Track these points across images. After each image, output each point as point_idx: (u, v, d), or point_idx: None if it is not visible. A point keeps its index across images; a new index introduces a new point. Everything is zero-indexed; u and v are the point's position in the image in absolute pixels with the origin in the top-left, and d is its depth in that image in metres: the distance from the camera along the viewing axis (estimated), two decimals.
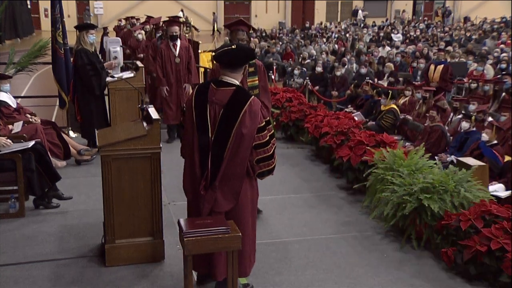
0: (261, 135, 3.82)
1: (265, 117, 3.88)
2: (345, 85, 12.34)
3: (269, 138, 3.86)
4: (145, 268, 4.49)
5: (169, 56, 8.25)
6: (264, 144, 3.83)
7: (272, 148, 3.89)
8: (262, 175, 3.94)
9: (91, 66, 7.34)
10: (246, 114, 3.74)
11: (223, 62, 3.87)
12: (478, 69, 12.07)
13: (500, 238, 4.29)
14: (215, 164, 3.79)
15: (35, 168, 5.57)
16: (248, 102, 3.76)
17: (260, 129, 3.80)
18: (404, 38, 23.33)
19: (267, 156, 3.86)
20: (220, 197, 3.83)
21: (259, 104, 3.85)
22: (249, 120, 3.74)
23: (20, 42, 23.46)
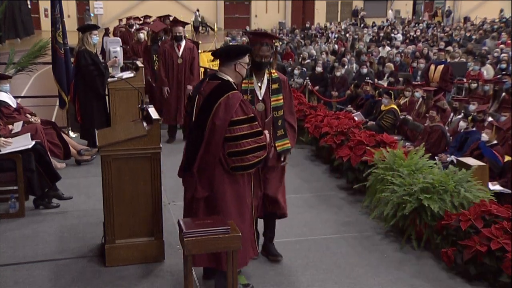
0: (233, 128, 3.84)
1: (247, 113, 3.88)
2: (345, 85, 12.34)
3: (245, 134, 3.86)
4: (145, 268, 4.49)
5: (172, 56, 8.25)
6: (234, 138, 3.85)
7: (248, 145, 3.87)
8: (235, 170, 3.92)
9: (95, 67, 7.34)
10: (221, 106, 3.85)
11: (216, 55, 4.11)
12: (475, 68, 12.08)
13: (500, 238, 4.29)
14: (190, 151, 3.99)
15: (35, 168, 5.58)
16: (226, 95, 3.86)
17: (233, 122, 3.84)
18: (404, 38, 23.34)
19: (238, 151, 3.86)
20: (197, 183, 3.96)
21: (238, 98, 3.88)
22: (222, 112, 3.84)
23: (20, 42, 23.45)
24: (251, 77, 4.39)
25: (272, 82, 4.47)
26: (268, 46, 4.36)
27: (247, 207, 4.11)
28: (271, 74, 4.47)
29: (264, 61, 4.36)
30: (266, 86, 4.43)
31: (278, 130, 4.48)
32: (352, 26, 29.32)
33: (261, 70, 4.40)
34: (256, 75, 4.42)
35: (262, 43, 4.35)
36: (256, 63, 4.36)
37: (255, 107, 4.33)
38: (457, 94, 11.80)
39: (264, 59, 4.35)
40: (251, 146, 3.88)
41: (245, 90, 4.34)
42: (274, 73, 4.49)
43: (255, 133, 3.91)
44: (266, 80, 4.44)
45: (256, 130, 3.92)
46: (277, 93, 4.48)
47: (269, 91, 4.44)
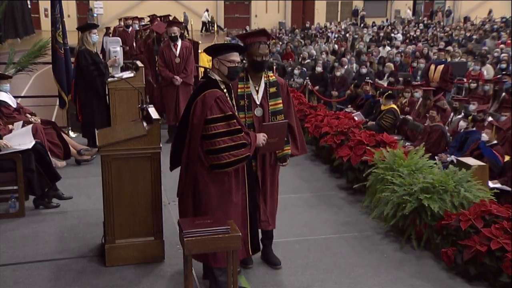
0: (208, 126, 3.85)
1: (224, 111, 3.86)
2: (345, 85, 12.34)
3: (221, 132, 3.84)
4: (145, 268, 4.49)
5: (170, 56, 8.28)
6: (209, 136, 3.86)
7: (224, 144, 3.85)
8: (213, 168, 3.92)
9: (95, 66, 7.36)
10: (198, 104, 3.88)
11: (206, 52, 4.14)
12: (475, 68, 12.09)
13: (500, 238, 4.29)
14: (175, 147, 4.08)
15: (35, 168, 5.58)
16: (202, 94, 3.89)
17: (208, 120, 3.85)
18: (404, 38, 23.34)
19: (213, 149, 3.86)
20: (184, 180, 4.01)
21: (213, 97, 3.86)
22: (199, 110, 3.87)
23: (20, 42, 23.45)
24: (247, 81, 4.26)
25: (269, 86, 4.29)
26: (266, 44, 4.21)
27: (235, 206, 4.07)
28: (269, 77, 4.31)
29: (265, 60, 4.20)
30: (264, 90, 4.28)
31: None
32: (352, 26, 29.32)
33: (262, 71, 4.25)
34: (253, 78, 4.27)
35: (260, 41, 4.19)
36: (257, 63, 4.21)
37: (253, 113, 4.22)
38: (457, 94, 11.80)
39: (265, 58, 4.19)
40: (227, 144, 3.85)
41: (241, 95, 4.22)
42: (271, 76, 4.35)
43: (233, 131, 3.88)
44: (263, 83, 4.29)
45: (233, 128, 3.88)
46: (275, 97, 4.30)
47: (266, 95, 4.28)
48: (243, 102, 4.20)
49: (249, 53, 4.19)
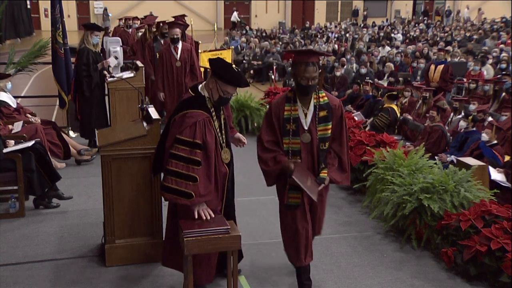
0: (178, 146, 3.65)
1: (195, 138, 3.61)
2: (345, 85, 12.34)
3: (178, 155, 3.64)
4: (145, 268, 4.49)
5: (170, 59, 8.15)
6: (169, 154, 3.67)
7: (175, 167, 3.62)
8: (164, 189, 3.69)
9: (86, 67, 7.40)
10: (177, 120, 3.75)
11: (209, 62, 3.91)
12: (475, 68, 12.09)
13: (500, 238, 4.29)
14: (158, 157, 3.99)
15: (35, 168, 5.58)
16: (182, 113, 3.72)
17: (176, 139, 3.66)
18: (404, 38, 23.34)
19: (165, 168, 3.68)
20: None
21: (194, 119, 3.66)
22: (175, 128, 3.74)
23: (20, 42, 23.46)
24: (295, 103, 3.84)
25: (319, 109, 3.84)
26: (314, 66, 3.72)
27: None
28: (319, 99, 3.86)
29: (311, 84, 3.73)
30: (313, 114, 3.84)
31: (322, 163, 3.93)
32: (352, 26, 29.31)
33: (307, 96, 3.82)
34: (302, 100, 3.85)
35: (307, 63, 3.71)
36: (302, 88, 3.77)
37: (300, 138, 3.84)
38: (457, 94, 11.80)
39: (311, 82, 3.72)
40: (177, 170, 3.63)
41: (287, 118, 3.82)
42: (323, 97, 3.88)
43: (192, 160, 3.64)
44: (313, 106, 3.85)
45: (193, 158, 3.63)
46: (325, 122, 3.84)
47: (315, 119, 3.83)
48: (289, 127, 3.83)
49: (295, 73, 3.77)
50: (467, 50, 16.48)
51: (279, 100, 3.92)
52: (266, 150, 3.91)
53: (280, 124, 3.86)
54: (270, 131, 3.91)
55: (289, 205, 3.97)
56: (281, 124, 3.85)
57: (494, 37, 20.59)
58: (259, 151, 3.95)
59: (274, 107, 3.90)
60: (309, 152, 3.88)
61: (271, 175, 3.98)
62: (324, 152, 3.87)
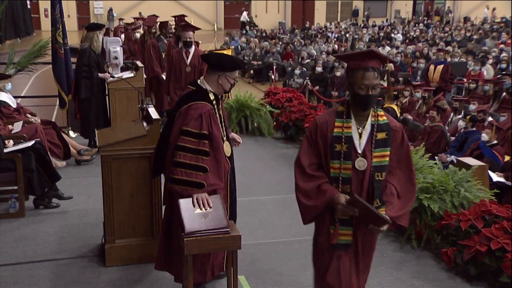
0: (184, 138, 3.65)
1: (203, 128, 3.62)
2: (345, 85, 12.32)
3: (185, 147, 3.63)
4: (145, 268, 4.49)
5: (180, 64, 7.71)
6: (176, 147, 3.65)
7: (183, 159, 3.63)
8: (173, 182, 3.67)
9: (87, 68, 7.37)
10: (181, 114, 3.74)
11: (205, 60, 3.95)
12: (475, 68, 12.10)
13: (500, 238, 4.29)
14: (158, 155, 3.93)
15: (35, 168, 5.57)
16: (188, 105, 3.72)
17: (182, 131, 3.67)
18: (404, 38, 23.35)
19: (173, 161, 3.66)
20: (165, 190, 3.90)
21: (199, 110, 3.67)
22: (180, 120, 3.73)
23: (20, 42, 23.47)
24: (349, 118, 3.12)
25: (377, 130, 3.10)
26: (375, 72, 3.00)
27: None
28: (378, 117, 3.12)
29: (371, 94, 3.00)
30: (369, 135, 3.10)
31: (377, 199, 3.12)
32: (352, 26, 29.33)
33: (366, 109, 3.09)
34: (356, 116, 3.11)
35: (366, 67, 3.00)
36: (360, 98, 3.03)
37: (353, 164, 3.09)
38: (457, 94, 11.80)
39: (372, 91, 3.00)
40: (186, 161, 3.63)
41: (338, 136, 3.08)
42: (381, 115, 3.14)
43: (200, 151, 3.64)
44: (370, 125, 3.11)
45: (201, 149, 3.64)
46: (384, 146, 3.10)
47: (371, 141, 3.09)
48: (339, 147, 3.09)
49: (351, 81, 3.07)
50: (467, 50, 16.48)
51: (327, 115, 3.19)
52: (308, 177, 3.15)
53: (327, 144, 3.11)
54: (312, 152, 3.17)
55: (337, 245, 3.19)
56: (329, 144, 3.10)
57: (494, 37, 20.59)
58: (299, 179, 3.21)
59: (320, 122, 3.14)
60: (360, 182, 3.12)
61: (314, 210, 3.17)
62: (378, 185, 3.09)
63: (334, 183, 3.12)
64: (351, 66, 3.08)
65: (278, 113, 8.95)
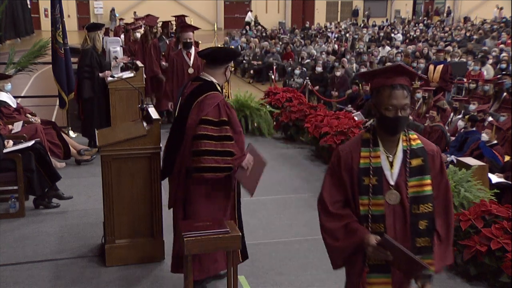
0: (199, 127, 3.75)
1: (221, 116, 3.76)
2: (345, 85, 12.35)
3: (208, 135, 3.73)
4: (145, 268, 4.49)
5: (182, 65, 7.54)
6: (197, 136, 3.75)
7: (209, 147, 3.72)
8: (200, 171, 3.75)
9: (89, 68, 7.37)
10: (197, 105, 3.81)
11: (203, 56, 4.02)
12: (475, 68, 12.10)
13: (500, 238, 4.29)
14: (171, 152, 3.94)
15: (35, 168, 5.58)
16: (203, 95, 3.81)
17: (201, 120, 3.76)
18: (404, 38, 23.35)
19: (197, 150, 3.74)
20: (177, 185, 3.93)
21: (217, 98, 3.80)
22: (196, 110, 3.80)
23: (20, 42, 23.47)
24: (376, 146, 2.71)
25: (411, 156, 2.69)
26: (404, 90, 2.60)
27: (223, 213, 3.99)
28: (410, 141, 2.71)
29: (401, 116, 2.59)
30: (402, 162, 2.69)
31: (418, 238, 2.67)
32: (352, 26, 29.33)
33: (395, 134, 2.67)
34: (385, 142, 2.71)
35: (393, 85, 2.60)
36: (388, 121, 2.62)
37: (385, 198, 2.67)
38: (457, 94, 11.81)
39: (402, 112, 2.59)
40: (212, 148, 3.73)
41: (365, 168, 2.68)
42: (414, 139, 2.72)
43: (223, 137, 3.76)
44: (402, 151, 2.70)
45: (224, 135, 3.76)
46: (421, 175, 2.68)
47: (405, 170, 2.68)
48: (367, 180, 2.68)
49: (376, 102, 2.65)
50: (467, 50, 16.48)
51: (351, 144, 2.80)
52: (334, 217, 2.75)
53: (353, 178, 2.71)
54: (337, 188, 2.77)
55: None
56: (356, 177, 2.71)
57: (494, 37, 20.59)
58: (323, 218, 2.80)
59: (344, 154, 2.75)
60: (397, 218, 2.69)
61: (343, 253, 2.75)
62: (418, 218, 2.67)
63: (364, 222, 2.69)
64: (376, 85, 2.67)
65: (278, 113, 8.95)
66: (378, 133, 2.72)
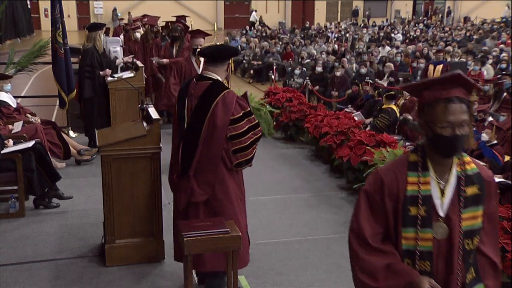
0: (236, 126, 3.84)
1: (244, 108, 3.88)
2: (345, 85, 12.35)
3: (247, 129, 3.88)
4: (145, 268, 4.49)
5: (190, 72, 7.06)
6: (239, 135, 3.85)
7: (250, 140, 3.89)
8: (239, 165, 3.94)
9: (90, 68, 7.38)
10: (218, 105, 3.81)
11: (205, 55, 4.02)
12: (475, 68, 12.10)
13: (500, 238, 4.28)
14: (187, 154, 3.90)
15: (35, 168, 5.58)
16: (222, 94, 3.84)
17: (235, 120, 3.84)
18: (404, 38, 23.36)
19: (243, 147, 3.88)
20: (195, 187, 3.89)
21: (234, 96, 3.86)
22: (221, 111, 3.80)
23: (20, 42, 23.47)
24: (426, 171, 2.34)
25: (466, 183, 2.33)
26: (462, 104, 2.25)
27: (244, 205, 4.15)
28: (465, 165, 2.35)
29: (459, 135, 2.23)
30: (455, 190, 2.32)
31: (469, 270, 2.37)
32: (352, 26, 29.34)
33: (451, 155, 2.32)
34: (436, 166, 2.34)
35: (449, 98, 2.25)
36: (442, 141, 2.26)
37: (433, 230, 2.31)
38: None
39: (460, 131, 2.24)
40: (251, 140, 3.91)
41: (413, 196, 2.31)
42: (469, 163, 2.37)
43: (253, 126, 3.93)
44: (455, 177, 2.34)
45: (254, 123, 3.93)
46: (475, 205, 2.34)
47: (458, 200, 2.31)
48: (414, 211, 2.32)
49: (428, 119, 2.29)
50: (467, 50, 16.49)
51: (395, 167, 2.41)
52: (375, 253, 2.38)
53: (398, 207, 2.35)
54: (376, 217, 2.39)
55: None
56: (401, 206, 2.34)
57: (494, 37, 20.60)
58: (360, 253, 2.44)
59: (388, 179, 2.37)
60: (445, 255, 2.33)
61: None
62: (469, 253, 2.34)
63: (406, 259, 2.35)
64: (427, 99, 2.30)
65: (278, 113, 8.95)
66: (428, 155, 2.34)
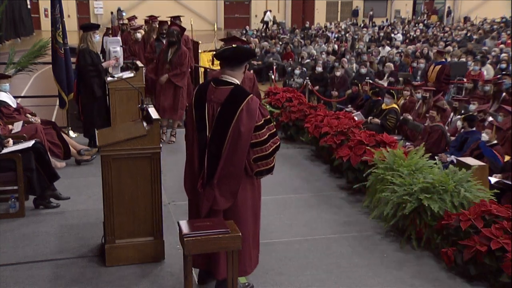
0: (259, 133, 3.79)
1: (265, 115, 3.84)
2: (345, 85, 12.36)
3: (268, 137, 3.83)
4: (145, 268, 4.49)
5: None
6: (261, 142, 3.81)
7: (271, 148, 3.85)
8: (260, 174, 3.91)
9: (94, 67, 7.37)
10: (243, 112, 3.74)
11: (223, 58, 3.89)
12: (475, 68, 12.11)
13: (500, 238, 4.29)
14: (212, 162, 3.83)
15: (34, 167, 5.57)
16: (246, 100, 3.76)
17: (257, 127, 3.79)
18: (404, 38, 23.37)
19: (264, 155, 3.83)
20: (218, 195, 3.84)
21: (257, 102, 3.81)
22: (246, 118, 3.74)
23: (20, 42, 23.49)
24: None
25: None
26: None
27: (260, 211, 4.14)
28: None
29: None
30: None
31: None
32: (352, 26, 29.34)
33: None
34: None
35: None
36: None
37: None
38: (457, 94, 11.81)
39: None
40: (272, 148, 3.87)
41: None
42: None
43: (273, 134, 3.89)
44: None
45: (273, 131, 3.89)
46: None
47: None
48: None
49: None
50: (467, 50, 16.49)
51: None
52: None
53: None
54: None
55: None
56: None
57: (494, 37, 20.61)
58: None
59: None
60: None
61: None
62: None
63: None
64: None
65: (278, 113, 8.95)
66: None
